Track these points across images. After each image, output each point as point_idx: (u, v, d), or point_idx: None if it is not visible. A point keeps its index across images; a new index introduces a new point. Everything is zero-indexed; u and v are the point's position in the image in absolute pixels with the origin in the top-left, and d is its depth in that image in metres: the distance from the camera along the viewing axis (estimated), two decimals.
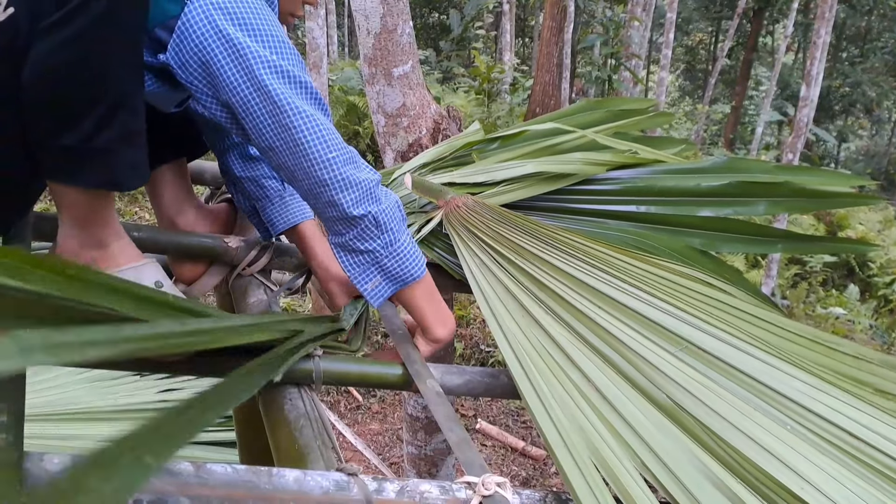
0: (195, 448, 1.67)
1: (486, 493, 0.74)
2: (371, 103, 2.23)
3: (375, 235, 0.98)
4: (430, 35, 14.53)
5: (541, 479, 3.94)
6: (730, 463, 0.81)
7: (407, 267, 1.01)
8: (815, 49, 5.49)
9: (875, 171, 15.40)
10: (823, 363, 1.00)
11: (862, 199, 1.47)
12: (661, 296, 1.08)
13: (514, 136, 1.64)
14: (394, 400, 4.49)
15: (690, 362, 0.95)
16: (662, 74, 9.12)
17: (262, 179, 1.21)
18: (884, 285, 7.64)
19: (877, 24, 14.73)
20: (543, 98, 8.76)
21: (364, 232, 0.98)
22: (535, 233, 1.22)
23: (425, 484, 0.76)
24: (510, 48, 11.40)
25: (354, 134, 7.93)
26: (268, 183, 1.21)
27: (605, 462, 0.80)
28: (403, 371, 1.01)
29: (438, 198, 1.37)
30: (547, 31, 8.83)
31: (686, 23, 16.04)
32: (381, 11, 2.12)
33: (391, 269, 1.00)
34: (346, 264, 1.01)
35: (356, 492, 0.73)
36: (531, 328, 1.03)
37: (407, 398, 2.62)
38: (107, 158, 0.88)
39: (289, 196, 1.22)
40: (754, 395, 0.91)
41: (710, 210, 1.37)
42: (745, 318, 1.06)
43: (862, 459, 0.83)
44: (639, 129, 1.71)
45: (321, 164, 0.92)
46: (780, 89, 13.32)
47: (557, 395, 0.91)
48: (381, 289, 1.01)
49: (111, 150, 0.88)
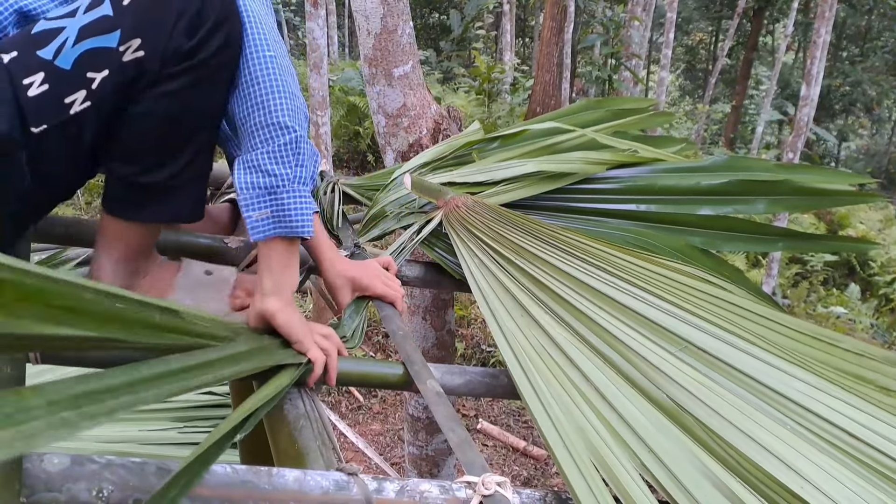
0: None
1: (486, 493, 0.74)
2: (371, 104, 2.23)
3: (288, 161, 0.93)
4: (431, 35, 14.53)
5: (542, 480, 3.94)
6: (730, 462, 0.81)
7: (301, 215, 0.95)
8: (815, 48, 5.48)
9: (875, 170, 15.39)
10: (824, 360, 1.00)
11: (862, 198, 1.47)
12: (661, 295, 1.08)
13: (515, 135, 1.64)
14: (395, 400, 4.49)
15: (690, 362, 0.95)
16: (663, 74, 9.11)
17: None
18: (885, 284, 7.63)
19: (877, 24, 14.72)
20: (544, 98, 8.75)
21: (280, 150, 0.92)
22: (534, 232, 1.22)
23: (425, 483, 0.76)
24: (510, 48, 11.40)
25: (355, 134, 7.92)
26: None
27: (604, 462, 0.80)
28: (404, 371, 1.01)
29: (438, 198, 1.37)
30: (547, 31, 8.82)
31: (686, 22, 16.03)
32: (382, 12, 2.12)
33: (284, 208, 0.94)
34: (243, 184, 0.94)
35: (356, 491, 0.73)
36: (531, 328, 1.03)
37: (408, 398, 2.61)
38: (179, 194, 0.95)
39: None
40: (754, 395, 0.91)
41: (710, 209, 1.36)
42: (746, 316, 1.06)
43: (861, 459, 0.83)
44: (639, 129, 1.71)
45: (267, 62, 0.91)
46: (781, 88, 13.32)
47: (557, 395, 0.91)
48: (265, 224, 0.94)
49: (185, 187, 0.95)
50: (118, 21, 0.83)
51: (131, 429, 1.72)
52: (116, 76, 0.84)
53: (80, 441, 1.61)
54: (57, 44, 0.81)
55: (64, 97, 0.83)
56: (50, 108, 0.82)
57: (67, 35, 0.82)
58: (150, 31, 0.84)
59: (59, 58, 0.81)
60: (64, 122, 0.83)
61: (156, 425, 1.73)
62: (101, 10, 0.83)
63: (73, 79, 0.82)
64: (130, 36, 0.83)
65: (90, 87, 0.83)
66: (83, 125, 0.85)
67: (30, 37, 0.82)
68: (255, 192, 0.93)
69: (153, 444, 1.68)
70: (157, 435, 1.71)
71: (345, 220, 1.47)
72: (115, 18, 0.83)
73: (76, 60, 0.82)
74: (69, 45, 0.82)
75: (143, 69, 0.85)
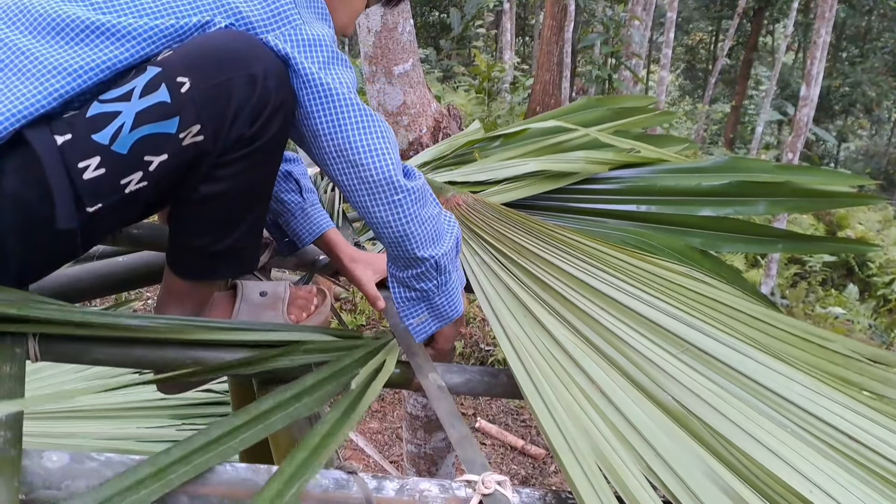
0: None
1: (486, 492, 0.74)
2: (371, 101, 2.23)
3: (433, 277, 1.02)
4: (431, 34, 14.51)
5: (540, 478, 3.94)
6: (735, 465, 0.80)
7: (453, 305, 1.06)
8: (815, 49, 5.48)
9: (874, 171, 15.39)
10: (814, 363, 1.00)
11: (861, 199, 1.47)
12: (661, 296, 1.08)
13: (516, 134, 1.64)
14: (393, 398, 4.49)
15: (692, 364, 0.95)
16: (663, 74, 9.11)
17: (281, 194, 1.23)
18: (883, 285, 7.63)
19: (877, 24, 14.71)
20: (544, 97, 8.75)
21: (424, 273, 1.02)
22: (536, 231, 1.22)
23: (425, 482, 0.76)
24: (510, 47, 11.38)
25: None
26: (287, 197, 1.23)
27: (611, 467, 0.79)
28: (403, 368, 1.01)
29: (438, 195, 1.37)
30: (547, 30, 8.82)
31: (686, 22, 16.02)
32: (382, 10, 2.12)
33: (439, 307, 1.06)
34: (398, 296, 1.06)
35: (356, 490, 0.73)
36: (534, 329, 1.03)
37: (407, 397, 2.61)
38: (247, 252, 1.02)
39: (310, 207, 1.24)
40: (754, 397, 0.91)
41: (710, 209, 1.36)
42: (742, 319, 1.06)
43: (863, 463, 0.83)
44: (640, 128, 1.70)
45: (390, 197, 0.94)
46: (781, 89, 13.31)
47: (561, 396, 0.90)
48: (426, 325, 1.07)
49: (253, 244, 1.02)
50: (177, 108, 0.83)
51: (129, 426, 1.72)
52: (175, 159, 0.86)
53: (78, 439, 1.61)
54: (113, 129, 0.82)
55: (120, 179, 0.84)
56: (105, 189, 0.84)
57: (124, 120, 0.82)
58: (211, 120, 0.85)
59: (115, 143, 0.82)
60: (119, 200, 0.85)
61: (154, 423, 1.73)
62: (158, 97, 0.83)
63: (130, 162, 0.84)
64: (190, 123, 0.84)
65: (147, 169, 0.85)
66: (138, 198, 0.87)
67: (85, 119, 0.82)
68: (410, 304, 1.05)
69: (151, 442, 1.68)
70: (155, 432, 1.70)
71: (345, 220, 1.47)
72: (174, 106, 0.83)
73: (133, 145, 0.83)
74: (126, 130, 0.82)
75: (202, 151, 0.87)
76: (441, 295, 1.04)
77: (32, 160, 0.80)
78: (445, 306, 1.06)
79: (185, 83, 0.83)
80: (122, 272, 1.33)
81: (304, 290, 1.19)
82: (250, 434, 0.74)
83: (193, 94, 0.84)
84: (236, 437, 0.73)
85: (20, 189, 0.80)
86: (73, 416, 1.71)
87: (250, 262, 1.04)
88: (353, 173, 0.93)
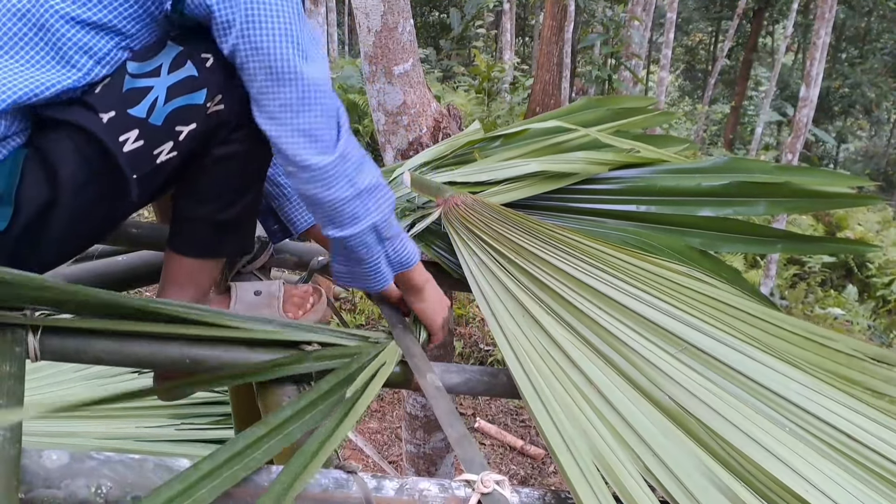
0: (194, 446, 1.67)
1: (485, 491, 0.74)
2: (371, 101, 2.23)
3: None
4: (431, 34, 14.51)
5: (539, 478, 3.94)
6: (733, 466, 0.80)
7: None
8: (814, 50, 5.48)
9: (874, 172, 15.39)
10: (816, 362, 1.00)
11: (861, 200, 1.47)
12: (660, 296, 1.08)
13: (516, 134, 1.64)
14: (393, 398, 4.48)
15: (690, 363, 0.95)
16: (662, 74, 9.11)
17: (279, 177, 1.23)
18: (882, 286, 7.63)
19: (876, 25, 14.71)
20: (544, 97, 8.75)
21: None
22: (535, 232, 1.22)
23: (424, 482, 0.76)
24: (510, 47, 11.38)
25: (354, 132, 7.89)
26: (284, 180, 1.22)
27: (609, 467, 0.79)
28: (402, 368, 1.01)
29: (437, 196, 1.37)
30: (547, 31, 8.81)
31: (686, 23, 16.02)
32: (382, 9, 2.12)
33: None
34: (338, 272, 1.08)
35: (355, 489, 0.73)
36: (532, 329, 1.03)
37: (406, 396, 2.61)
38: (247, 227, 1.07)
39: None
40: (752, 396, 0.91)
41: (710, 210, 1.37)
42: (742, 318, 1.06)
43: (861, 462, 0.83)
44: (640, 128, 1.70)
45: None
46: (780, 90, 13.31)
47: (559, 396, 0.90)
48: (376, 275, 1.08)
49: (252, 220, 1.08)
50: (204, 81, 0.93)
51: (129, 425, 1.72)
52: (200, 127, 0.94)
53: (78, 438, 1.61)
54: (148, 102, 0.90)
55: (153, 150, 0.92)
56: (142, 161, 0.91)
57: (157, 94, 0.90)
58: (230, 89, 0.95)
59: (152, 115, 0.90)
60: (150, 171, 0.92)
61: (153, 422, 1.73)
62: (186, 71, 0.92)
63: (164, 133, 0.92)
64: (215, 93, 0.94)
65: (177, 139, 0.93)
66: (164, 170, 0.94)
67: (120, 95, 0.90)
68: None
69: (151, 441, 1.68)
70: (154, 431, 1.70)
71: None
72: (201, 78, 0.93)
73: (167, 116, 0.91)
74: (160, 103, 0.90)
75: (222, 120, 0.95)
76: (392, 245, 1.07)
77: (85, 142, 0.87)
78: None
79: (209, 59, 0.93)
80: (122, 271, 1.33)
81: (299, 289, 1.20)
82: (274, 444, 0.77)
83: (216, 67, 0.93)
84: (259, 448, 0.75)
85: (78, 172, 0.88)
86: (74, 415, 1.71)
87: (250, 241, 1.10)
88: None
